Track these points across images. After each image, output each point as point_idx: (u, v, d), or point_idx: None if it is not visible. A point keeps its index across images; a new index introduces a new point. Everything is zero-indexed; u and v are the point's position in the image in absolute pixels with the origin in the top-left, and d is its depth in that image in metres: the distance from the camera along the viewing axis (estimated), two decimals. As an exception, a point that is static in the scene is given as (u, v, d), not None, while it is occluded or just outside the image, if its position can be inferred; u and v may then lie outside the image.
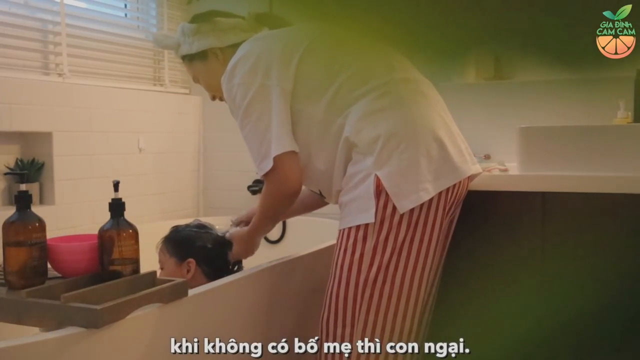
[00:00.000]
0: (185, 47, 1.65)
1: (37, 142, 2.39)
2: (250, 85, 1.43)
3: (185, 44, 1.65)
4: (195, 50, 1.64)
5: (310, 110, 1.43)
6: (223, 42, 1.62)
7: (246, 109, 1.44)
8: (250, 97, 1.43)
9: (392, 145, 1.35)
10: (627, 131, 1.64)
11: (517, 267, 1.56)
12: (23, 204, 1.26)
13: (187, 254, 1.72)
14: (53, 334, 1.11)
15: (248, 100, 1.43)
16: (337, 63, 1.44)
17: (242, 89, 1.44)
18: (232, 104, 1.48)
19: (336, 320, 1.40)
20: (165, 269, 1.74)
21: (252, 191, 3.01)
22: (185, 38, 1.65)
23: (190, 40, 1.64)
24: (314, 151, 1.45)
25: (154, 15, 3.04)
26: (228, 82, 1.48)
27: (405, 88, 1.44)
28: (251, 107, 1.43)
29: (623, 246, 1.48)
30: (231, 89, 1.47)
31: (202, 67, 1.66)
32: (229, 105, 1.51)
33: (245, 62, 1.46)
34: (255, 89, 1.42)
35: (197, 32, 1.63)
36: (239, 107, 1.45)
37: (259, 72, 1.43)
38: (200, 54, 1.64)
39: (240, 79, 1.45)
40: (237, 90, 1.45)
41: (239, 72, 1.46)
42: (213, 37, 1.62)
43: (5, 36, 2.29)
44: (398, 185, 1.33)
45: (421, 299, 1.40)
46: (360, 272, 1.36)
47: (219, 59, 1.63)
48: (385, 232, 1.34)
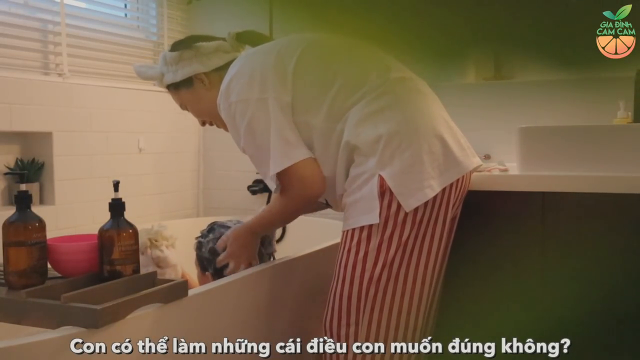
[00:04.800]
0: (170, 76, 1.63)
1: (37, 142, 2.39)
2: (248, 101, 1.41)
3: (169, 72, 1.63)
4: (180, 78, 1.61)
5: (310, 121, 1.42)
6: (207, 66, 1.60)
7: (248, 126, 1.42)
8: (250, 113, 1.41)
9: (394, 145, 1.35)
10: (627, 131, 1.64)
11: (517, 267, 1.56)
12: (23, 204, 1.26)
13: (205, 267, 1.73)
14: (53, 334, 1.11)
15: (249, 117, 1.41)
16: (331, 70, 1.43)
17: (240, 106, 1.42)
18: (232, 122, 1.46)
19: (340, 320, 1.40)
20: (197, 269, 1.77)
21: (252, 191, 3.01)
22: (169, 67, 1.63)
23: (174, 68, 1.62)
24: (319, 161, 1.44)
25: (154, 15, 3.04)
26: (224, 101, 1.46)
27: (402, 87, 1.44)
28: (253, 123, 1.41)
29: (623, 246, 1.48)
30: (229, 108, 1.45)
31: (188, 95, 1.64)
32: (229, 124, 1.48)
33: (240, 78, 1.44)
34: (254, 104, 1.41)
35: (180, 59, 1.61)
36: (240, 125, 1.43)
37: (255, 87, 1.42)
38: (185, 81, 1.61)
39: (237, 95, 1.43)
40: (235, 108, 1.43)
41: (235, 89, 1.44)
42: (197, 63, 1.59)
43: (5, 36, 2.29)
44: (403, 184, 1.33)
45: (426, 297, 1.40)
46: (364, 271, 1.36)
47: (205, 84, 1.60)
48: (389, 230, 1.34)
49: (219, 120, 1.60)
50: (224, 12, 3.01)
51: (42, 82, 2.38)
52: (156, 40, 3.05)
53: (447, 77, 2.57)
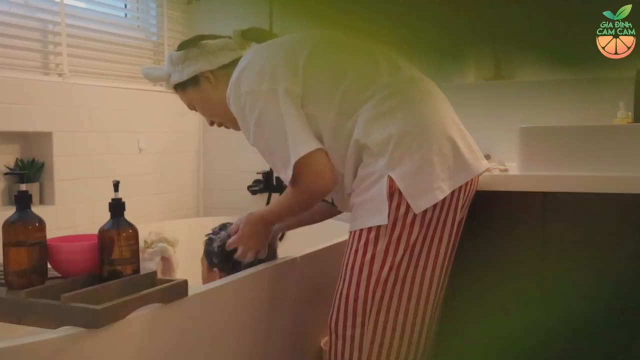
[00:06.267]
0: (176, 76, 1.62)
1: (37, 142, 2.39)
2: (259, 92, 1.40)
3: (176, 72, 1.62)
4: (187, 77, 1.60)
5: (320, 115, 1.41)
6: (213, 64, 1.59)
7: (259, 118, 1.40)
8: (261, 105, 1.40)
9: (404, 146, 1.34)
10: (627, 131, 1.64)
11: (517, 267, 1.56)
12: (23, 204, 1.26)
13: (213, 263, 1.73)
14: (53, 334, 1.11)
15: (259, 108, 1.40)
16: (341, 67, 1.42)
17: (250, 97, 1.41)
18: (242, 115, 1.45)
19: (345, 321, 1.39)
20: (202, 267, 1.77)
21: (252, 191, 3.01)
22: (175, 67, 1.62)
23: (180, 68, 1.61)
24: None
25: (154, 15, 3.04)
26: (235, 93, 1.45)
27: (412, 87, 1.44)
28: (264, 115, 1.40)
29: (623, 246, 1.48)
30: (239, 99, 1.43)
31: (195, 93, 1.63)
32: (238, 117, 1.47)
33: (251, 70, 1.43)
34: (264, 96, 1.39)
35: (186, 58, 1.60)
36: (250, 117, 1.42)
37: (265, 78, 1.41)
38: (192, 80, 1.61)
39: (248, 87, 1.42)
40: (245, 99, 1.42)
41: (245, 80, 1.43)
42: (203, 61, 1.59)
43: (5, 36, 2.29)
44: (413, 186, 1.32)
45: (432, 299, 1.39)
46: (371, 273, 1.35)
47: (212, 82, 1.60)
48: (397, 232, 1.34)
49: (227, 119, 1.59)
50: (224, 12, 3.01)
51: (42, 82, 2.38)
52: (156, 40, 3.05)
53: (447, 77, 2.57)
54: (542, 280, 1.54)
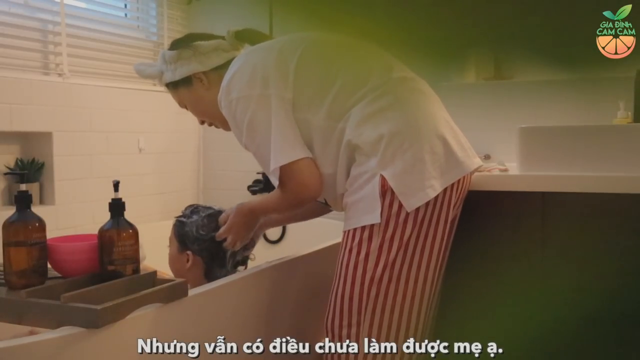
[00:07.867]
0: (169, 75, 1.62)
1: (37, 142, 2.39)
2: (250, 97, 1.41)
3: (168, 71, 1.62)
4: (179, 77, 1.61)
5: (311, 118, 1.41)
6: (206, 65, 1.59)
7: (250, 123, 1.41)
8: (252, 110, 1.40)
9: (395, 145, 1.35)
10: (627, 131, 1.64)
11: (517, 267, 1.56)
12: (23, 204, 1.26)
13: (187, 246, 1.74)
14: (53, 334, 1.11)
15: (250, 113, 1.41)
16: (332, 68, 1.43)
17: (241, 102, 1.42)
18: (233, 120, 1.46)
19: (341, 321, 1.40)
20: (170, 248, 1.78)
21: (252, 191, 3.01)
22: (168, 65, 1.62)
23: (173, 67, 1.61)
24: (318, 159, 1.43)
25: (154, 15, 3.04)
26: (225, 98, 1.45)
27: (403, 87, 1.44)
28: (255, 120, 1.41)
29: (623, 246, 1.48)
30: (230, 104, 1.44)
31: (187, 94, 1.63)
32: (230, 121, 1.48)
33: (241, 75, 1.44)
34: (255, 101, 1.40)
35: (178, 58, 1.60)
36: (241, 122, 1.43)
37: (256, 83, 1.41)
38: (184, 80, 1.61)
39: (239, 92, 1.42)
40: (236, 104, 1.43)
41: (236, 85, 1.43)
42: (196, 62, 1.59)
43: (5, 36, 2.30)
44: (405, 184, 1.33)
45: (427, 297, 1.40)
46: (365, 272, 1.36)
47: (204, 83, 1.60)
48: (391, 230, 1.34)
49: (218, 119, 1.60)
50: (224, 12, 3.01)
51: (42, 82, 2.38)
52: (156, 40, 3.05)
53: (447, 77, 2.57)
54: (542, 279, 1.54)
